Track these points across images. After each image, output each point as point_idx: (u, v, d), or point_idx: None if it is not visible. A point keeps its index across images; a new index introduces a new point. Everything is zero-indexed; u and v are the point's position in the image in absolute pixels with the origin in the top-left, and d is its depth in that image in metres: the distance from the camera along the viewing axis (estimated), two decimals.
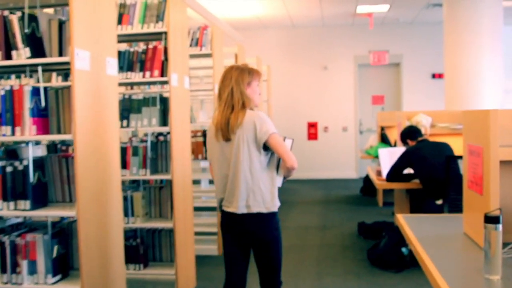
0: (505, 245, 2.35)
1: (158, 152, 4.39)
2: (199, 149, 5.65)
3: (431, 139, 5.22)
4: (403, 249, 5.02)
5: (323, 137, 12.08)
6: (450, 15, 8.54)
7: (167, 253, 4.42)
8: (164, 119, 4.31)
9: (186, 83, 4.50)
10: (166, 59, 4.16)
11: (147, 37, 4.37)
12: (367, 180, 9.51)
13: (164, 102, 4.31)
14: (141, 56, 4.21)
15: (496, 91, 8.29)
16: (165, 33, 4.15)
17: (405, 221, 3.12)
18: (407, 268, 5.00)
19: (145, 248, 4.32)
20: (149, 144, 4.23)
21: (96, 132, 2.87)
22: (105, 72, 2.99)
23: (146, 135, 4.33)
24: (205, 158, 5.68)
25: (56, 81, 4.58)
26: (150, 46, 4.20)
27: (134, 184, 4.59)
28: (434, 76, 11.80)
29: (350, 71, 12.05)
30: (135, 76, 4.22)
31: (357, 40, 11.97)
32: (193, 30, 5.57)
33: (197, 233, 5.72)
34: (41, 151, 3.11)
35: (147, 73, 4.19)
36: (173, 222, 4.17)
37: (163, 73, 4.19)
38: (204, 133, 5.66)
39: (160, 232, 4.44)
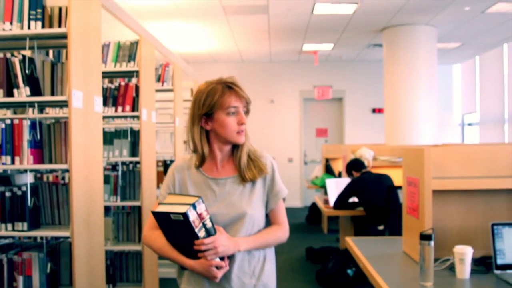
0: (436, 260, 2.86)
1: (127, 180, 4.75)
2: (160, 178, 6.01)
3: (374, 171, 5.77)
4: (349, 271, 5.51)
5: None
6: (389, 55, 9.26)
7: (134, 275, 4.74)
8: (133, 150, 4.68)
9: (153, 117, 4.89)
10: (137, 95, 4.56)
11: (119, 75, 4.77)
12: (312, 208, 10.03)
13: (134, 135, 4.68)
14: (114, 92, 4.59)
15: (432, 125, 9.02)
16: (137, 72, 4.56)
17: (353, 243, 3.60)
18: (352, 287, 5.50)
19: (114, 269, 4.65)
20: (120, 173, 4.59)
21: (86, 162, 3.24)
22: (93, 109, 3.37)
23: (117, 164, 4.67)
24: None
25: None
26: (123, 83, 4.58)
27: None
28: (374, 110, 12.53)
29: (296, 104, 12.65)
30: (108, 111, 4.59)
31: (303, 76, 12.62)
32: (156, 67, 5.98)
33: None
34: (30, 179, 3.45)
35: (119, 108, 4.57)
36: (142, 245, 4.53)
37: (134, 108, 4.58)
38: (164, 163, 6.04)
39: (127, 254, 4.77)
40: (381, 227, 5.28)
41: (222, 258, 2.10)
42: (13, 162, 3.10)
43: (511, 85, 10.57)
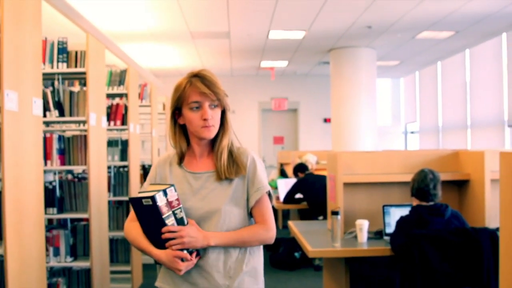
0: (346, 232, 4.17)
1: (117, 180, 5.92)
2: (141, 180, 7.19)
3: (316, 173, 7.07)
4: (296, 254, 6.78)
5: None
6: (335, 71, 10.61)
7: (122, 256, 5.91)
8: (122, 156, 5.86)
9: (138, 130, 6.09)
10: (125, 112, 5.75)
11: (111, 96, 5.96)
12: None
13: (123, 144, 5.86)
14: (107, 110, 5.76)
15: (372, 133, 10.40)
16: (125, 94, 5.76)
17: (293, 225, 4.87)
18: (298, 268, 6.77)
19: None
20: (112, 174, 5.77)
21: (98, 165, 4.44)
22: (101, 126, 4.58)
23: (110, 167, 5.84)
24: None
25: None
26: (114, 103, 5.76)
27: None
28: (325, 120, 13.90)
29: (255, 115, 13.96)
30: None
31: (261, 89, 13.95)
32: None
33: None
34: (52, 177, 4.64)
35: (112, 122, 5.75)
36: None
37: (123, 122, 5.76)
38: (143, 168, 7.22)
39: (117, 240, 5.93)
40: (321, 218, 6.56)
41: (191, 252, 2.03)
42: (46, 164, 4.28)
43: (444, 98, 12.06)
